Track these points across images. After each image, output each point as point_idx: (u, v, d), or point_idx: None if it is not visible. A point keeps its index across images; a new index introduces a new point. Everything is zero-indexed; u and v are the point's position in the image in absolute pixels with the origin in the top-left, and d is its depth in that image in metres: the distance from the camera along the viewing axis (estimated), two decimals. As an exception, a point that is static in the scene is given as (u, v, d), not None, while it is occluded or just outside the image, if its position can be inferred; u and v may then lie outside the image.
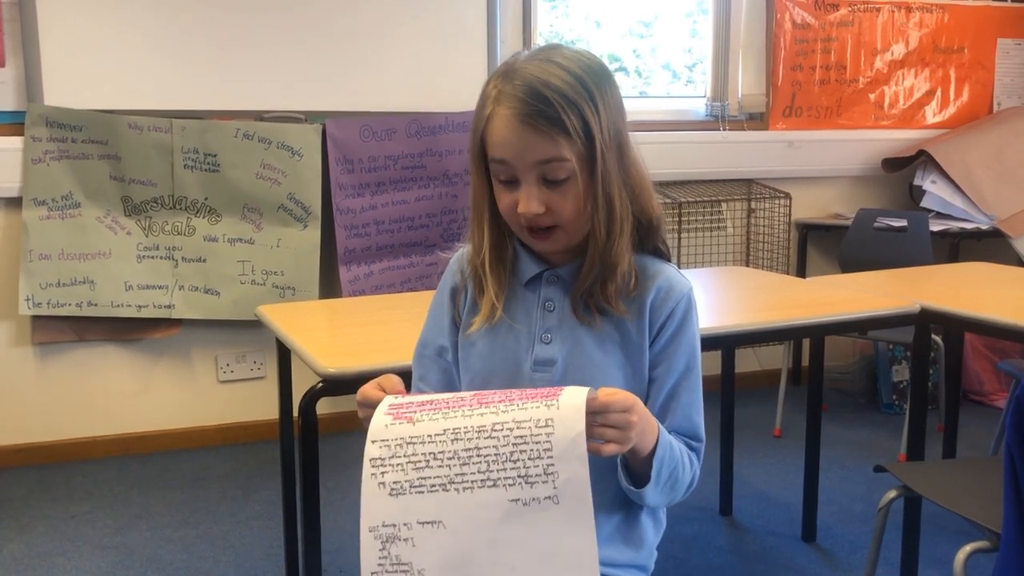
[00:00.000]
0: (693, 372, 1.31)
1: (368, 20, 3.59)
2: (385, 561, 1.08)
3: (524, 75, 1.21)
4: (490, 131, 1.23)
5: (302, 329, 2.15)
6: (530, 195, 1.22)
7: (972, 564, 1.74)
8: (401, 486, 1.08)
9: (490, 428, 1.07)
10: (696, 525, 2.91)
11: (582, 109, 1.20)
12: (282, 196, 3.48)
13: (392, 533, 1.08)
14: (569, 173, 1.22)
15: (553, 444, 1.05)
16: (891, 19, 4.40)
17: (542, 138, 1.19)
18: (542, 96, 1.19)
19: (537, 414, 1.06)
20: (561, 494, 1.04)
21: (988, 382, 4.10)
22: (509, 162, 1.22)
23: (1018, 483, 1.18)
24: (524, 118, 1.19)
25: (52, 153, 3.27)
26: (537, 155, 1.20)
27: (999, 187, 4.14)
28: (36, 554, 2.76)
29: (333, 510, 2.88)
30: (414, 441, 1.09)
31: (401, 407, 1.13)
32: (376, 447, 1.10)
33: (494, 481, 1.06)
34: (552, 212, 1.23)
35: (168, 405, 3.59)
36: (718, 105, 4.19)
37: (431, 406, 1.12)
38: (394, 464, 1.09)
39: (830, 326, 2.41)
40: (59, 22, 3.24)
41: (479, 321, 1.33)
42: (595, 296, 1.29)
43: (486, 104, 1.24)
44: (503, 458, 1.06)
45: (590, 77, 1.22)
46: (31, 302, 3.30)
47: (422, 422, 1.10)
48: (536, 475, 1.05)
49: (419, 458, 1.08)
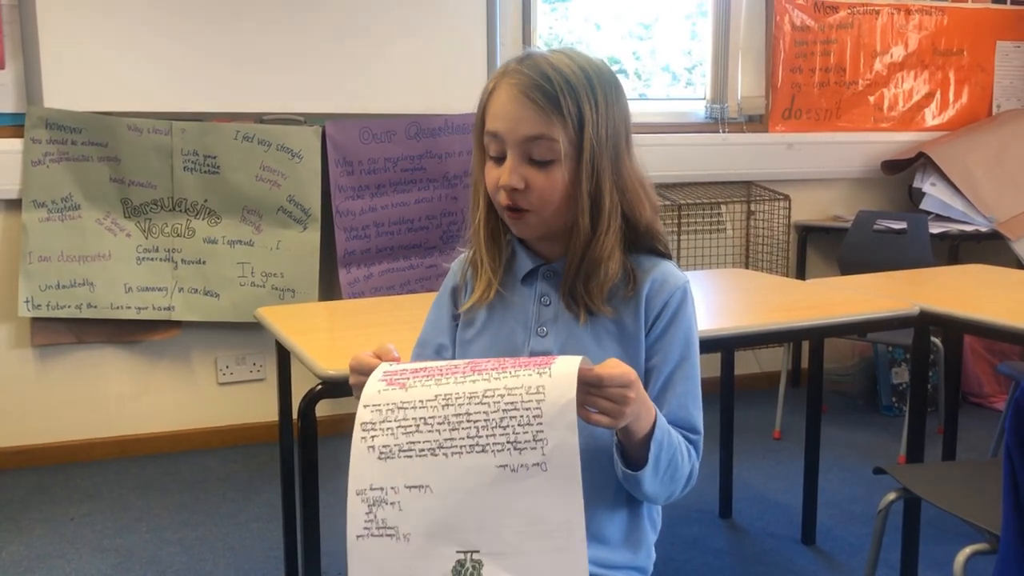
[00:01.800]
0: (688, 362, 1.31)
1: (368, 22, 3.59)
2: (371, 524, 1.07)
3: (536, 58, 1.26)
4: (491, 103, 1.27)
5: (302, 331, 2.15)
6: (513, 168, 1.25)
7: (971, 566, 1.74)
8: (390, 450, 1.08)
9: (481, 394, 1.07)
10: (695, 527, 2.91)
11: (580, 98, 1.23)
12: (282, 198, 3.48)
13: (379, 496, 1.07)
14: (555, 156, 1.24)
15: (543, 411, 1.04)
16: (890, 21, 4.40)
17: (536, 113, 1.22)
18: (546, 75, 1.23)
19: (529, 381, 1.06)
20: (549, 461, 1.04)
21: (987, 384, 4.10)
22: (500, 134, 1.25)
23: (1017, 485, 1.18)
24: (524, 90, 1.23)
25: (52, 155, 3.27)
26: (527, 129, 1.23)
27: (998, 189, 4.14)
28: (35, 556, 2.75)
29: (332, 512, 2.87)
30: (405, 406, 1.09)
31: (395, 373, 1.13)
32: (368, 411, 1.10)
33: (483, 447, 1.05)
34: (529, 191, 1.25)
35: (168, 407, 3.59)
36: (718, 107, 4.20)
37: (424, 373, 1.12)
38: (384, 428, 1.09)
39: (830, 328, 2.41)
40: (59, 24, 3.24)
41: (473, 300, 1.35)
42: (578, 292, 1.30)
43: (492, 81, 1.29)
44: (493, 424, 1.06)
45: (597, 77, 1.26)
46: (30, 304, 3.30)
47: (415, 388, 1.10)
48: (525, 441, 1.05)
49: (409, 423, 1.08)
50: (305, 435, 1.83)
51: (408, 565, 1.07)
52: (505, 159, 1.26)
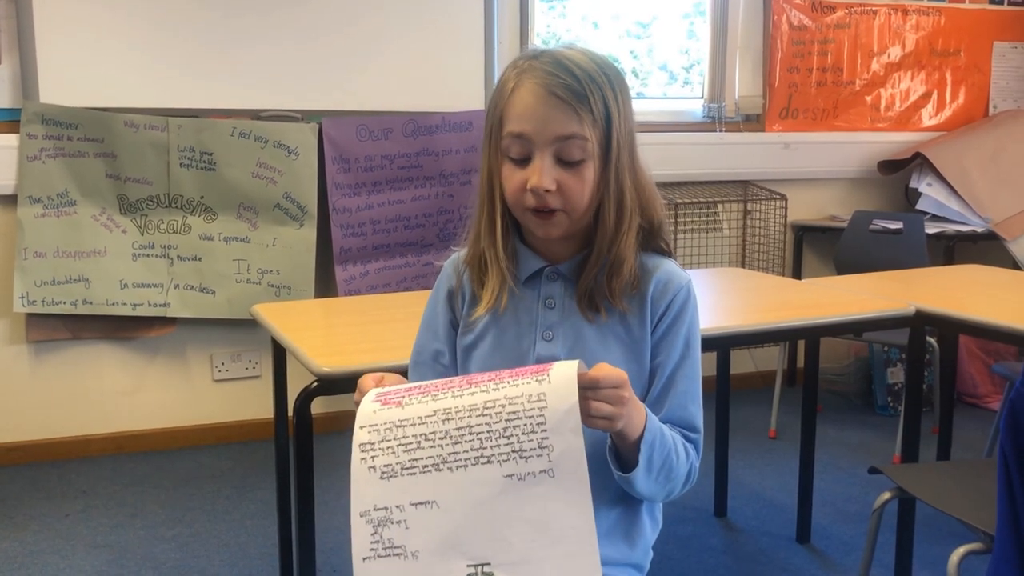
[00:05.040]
0: (688, 361, 1.31)
1: (365, 19, 3.58)
2: (377, 545, 1.06)
3: (552, 54, 1.24)
4: (512, 103, 1.24)
5: (297, 328, 2.15)
6: (544, 170, 1.22)
7: (965, 566, 1.74)
8: (392, 469, 1.07)
9: (481, 406, 1.06)
10: (691, 526, 2.91)
11: (605, 93, 1.22)
12: (278, 195, 3.48)
13: (384, 516, 1.07)
14: (585, 155, 1.22)
15: (547, 417, 1.04)
16: (887, 22, 4.41)
17: (566, 111, 1.20)
18: (570, 71, 1.21)
19: (529, 389, 1.06)
20: (556, 467, 1.04)
21: (982, 384, 4.11)
22: (527, 135, 1.22)
23: (1011, 485, 1.18)
24: (552, 88, 1.20)
25: (47, 151, 3.27)
26: (558, 129, 1.21)
27: (995, 190, 4.15)
28: (30, 552, 2.75)
29: (328, 509, 2.87)
30: (404, 424, 1.08)
31: (389, 393, 1.12)
32: (365, 432, 1.09)
33: (488, 458, 1.05)
34: (561, 192, 1.23)
35: (163, 404, 3.59)
36: (715, 106, 4.20)
37: (419, 390, 1.11)
38: (384, 448, 1.08)
39: (825, 328, 2.41)
40: (55, 20, 3.23)
41: (482, 309, 1.32)
42: (600, 290, 1.29)
43: (509, 80, 1.25)
44: (496, 434, 1.05)
45: (611, 72, 1.25)
46: (26, 300, 3.29)
47: (411, 405, 1.09)
48: (531, 449, 1.04)
49: (410, 440, 1.07)
50: (300, 432, 1.83)
51: None
52: (528, 160, 1.23)
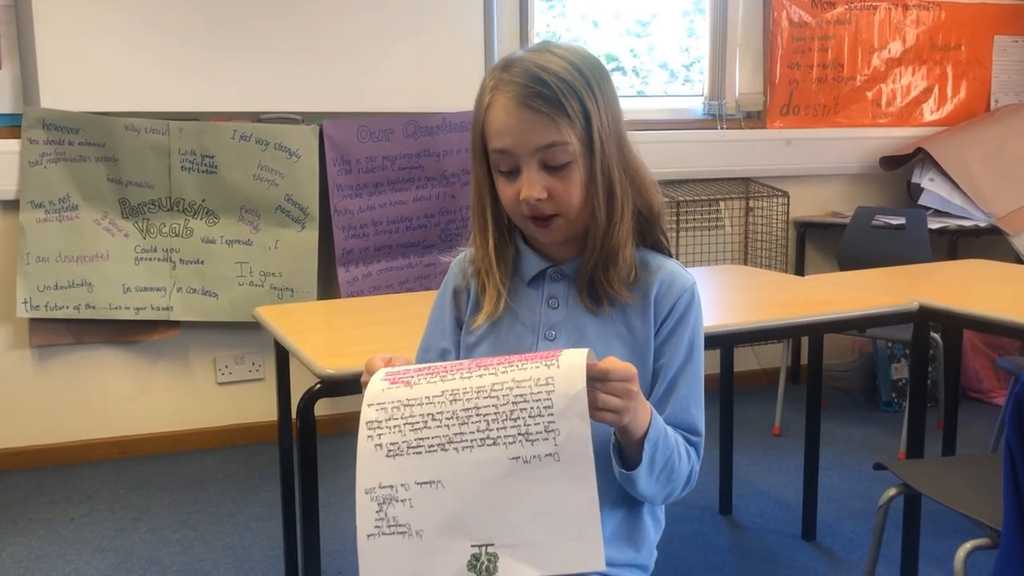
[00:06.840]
0: (692, 364, 1.31)
1: (365, 21, 3.58)
2: (382, 523, 1.07)
3: (522, 64, 1.23)
4: (490, 119, 1.24)
5: (300, 330, 2.15)
6: (532, 180, 1.23)
7: (972, 561, 1.74)
8: (399, 447, 1.07)
9: (489, 388, 1.07)
10: (696, 524, 2.91)
11: (580, 94, 1.21)
12: (280, 197, 3.48)
13: (389, 494, 1.07)
14: (570, 157, 1.22)
15: (554, 401, 1.04)
16: (888, 17, 4.40)
17: (542, 121, 1.20)
18: (540, 79, 1.20)
19: (537, 373, 1.06)
20: (562, 451, 1.04)
21: (987, 379, 4.10)
22: (510, 150, 1.23)
23: (1018, 480, 1.18)
24: (523, 100, 1.20)
25: (49, 155, 3.27)
26: (538, 139, 1.21)
27: (997, 184, 4.14)
28: (35, 556, 2.75)
29: (332, 512, 2.88)
30: (411, 403, 1.08)
31: (398, 373, 1.13)
32: (372, 410, 1.09)
33: (494, 440, 1.05)
34: (554, 198, 1.24)
35: (166, 407, 3.59)
36: (715, 104, 4.19)
37: (428, 371, 1.12)
38: (391, 426, 1.08)
39: (829, 324, 2.41)
40: (55, 24, 3.24)
41: (483, 317, 1.33)
42: (599, 283, 1.29)
43: (484, 95, 1.25)
44: (503, 416, 1.05)
45: (586, 67, 1.24)
46: (28, 305, 3.29)
47: (420, 385, 1.09)
48: (537, 432, 1.05)
49: (417, 419, 1.08)
50: (304, 434, 1.83)
51: (422, 562, 1.06)
52: (518, 172, 1.24)
